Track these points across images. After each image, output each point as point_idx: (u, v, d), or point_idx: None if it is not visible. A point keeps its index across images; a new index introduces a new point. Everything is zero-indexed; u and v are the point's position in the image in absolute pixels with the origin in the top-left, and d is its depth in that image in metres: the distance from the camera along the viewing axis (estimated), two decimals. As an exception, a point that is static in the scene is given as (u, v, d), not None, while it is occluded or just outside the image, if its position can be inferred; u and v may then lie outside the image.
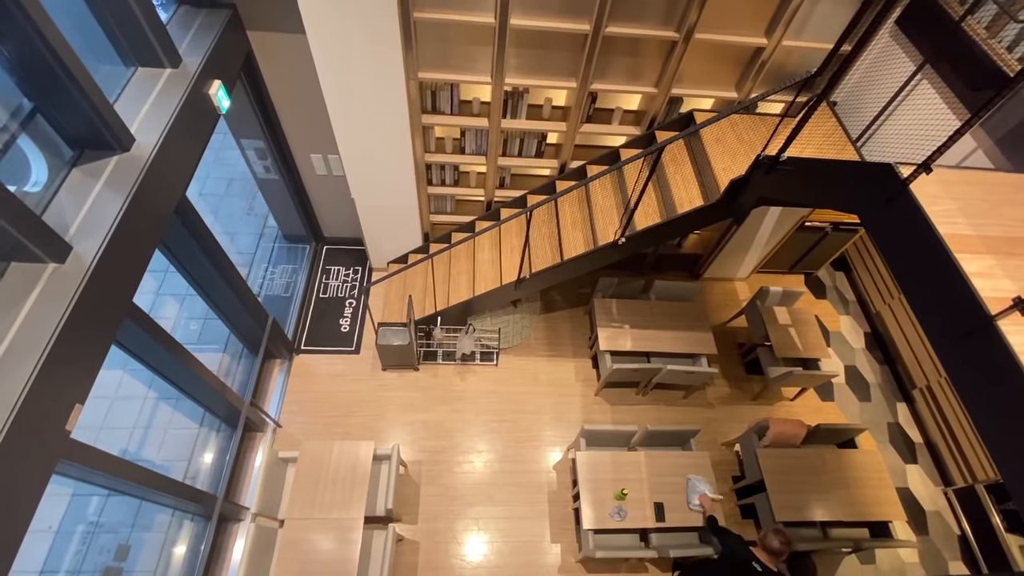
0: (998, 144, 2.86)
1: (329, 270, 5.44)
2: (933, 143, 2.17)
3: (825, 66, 2.66)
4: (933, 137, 2.26)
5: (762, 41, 3.47)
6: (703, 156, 3.65)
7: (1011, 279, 1.97)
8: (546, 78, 3.67)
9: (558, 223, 4.20)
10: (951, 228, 2.10)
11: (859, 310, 5.66)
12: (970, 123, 1.98)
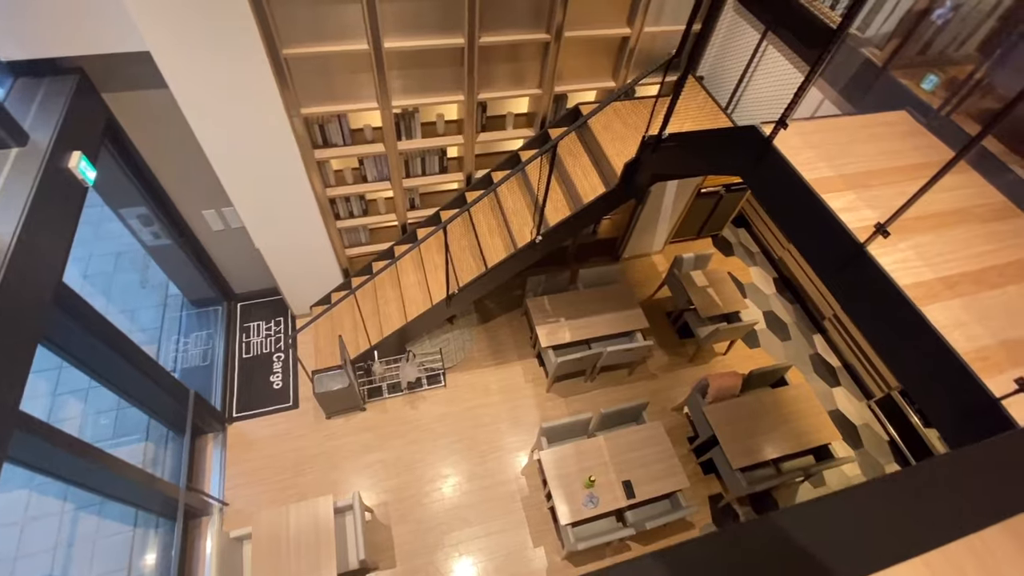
0: (840, 92, 3.23)
1: (248, 327, 5.12)
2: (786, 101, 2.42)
3: (683, 46, 2.88)
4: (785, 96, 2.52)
5: (626, 31, 3.70)
6: (596, 146, 3.83)
7: (871, 208, 2.23)
8: (433, 95, 3.69)
9: (476, 233, 4.23)
10: (814, 173, 2.35)
11: (764, 259, 6.16)
12: (810, 78, 2.22)
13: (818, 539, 0.60)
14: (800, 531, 0.60)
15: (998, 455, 0.79)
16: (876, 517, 0.66)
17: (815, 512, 0.64)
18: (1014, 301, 2.02)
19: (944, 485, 0.72)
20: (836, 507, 0.66)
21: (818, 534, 0.61)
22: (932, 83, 3.16)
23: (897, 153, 2.52)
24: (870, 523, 0.65)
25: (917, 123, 2.73)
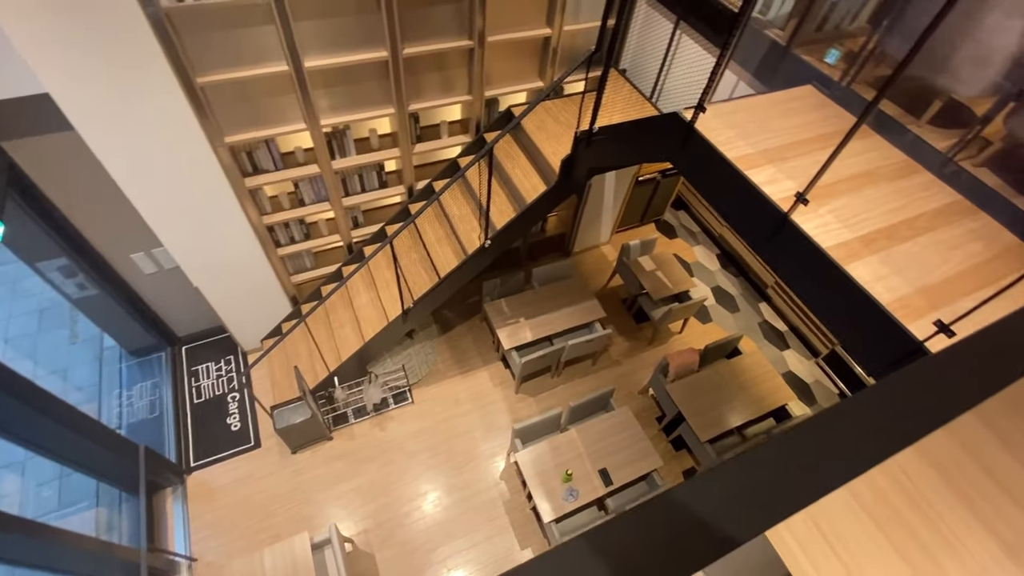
0: (753, 73, 3.42)
1: (197, 371, 4.87)
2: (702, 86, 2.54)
3: (601, 41, 2.96)
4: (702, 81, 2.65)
5: (547, 31, 3.78)
6: (532, 146, 3.88)
7: (790, 179, 2.38)
8: (363, 110, 3.64)
9: (424, 244, 4.20)
10: (736, 151, 2.47)
11: (706, 238, 6.43)
12: (721, 62, 2.34)
13: (750, 482, 0.63)
14: (724, 483, 0.63)
15: (906, 384, 0.85)
16: (801, 455, 0.70)
17: (736, 466, 0.67)
18: (924, 251, 2.20)
19: (863, 416, 0.77)
20: (767, 452, 0.70)
21: (749, 479, 0.64)
22: (835, 56, 3.40)
23: (808, 125, 2.69)
24: (792, 463, 0.70)
25: (822, 95, 2.93)
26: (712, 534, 0.50)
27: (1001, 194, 2.46)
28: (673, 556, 0.51)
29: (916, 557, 0.79)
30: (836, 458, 0.57)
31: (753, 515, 0.48)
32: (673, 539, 0.50)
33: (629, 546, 0.53)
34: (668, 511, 0.54)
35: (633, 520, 0.53)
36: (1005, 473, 0.87)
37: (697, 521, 0.50)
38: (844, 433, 0.61)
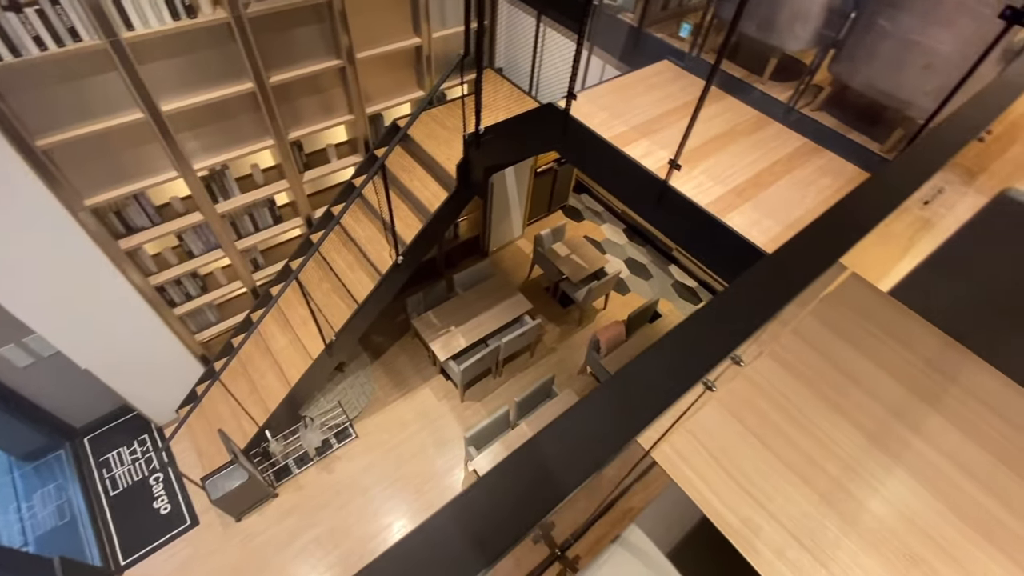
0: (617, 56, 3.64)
1: (107, 460, 4.38)
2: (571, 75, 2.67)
3: (468, 44, 3.02)
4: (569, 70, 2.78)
5: (416, 40, 3.79)
6: (425, 155, 3.88)
7: (663, 149, 2.56)
8: (239, 147, 3.46)
9: (335, 273, 4.06)
10: (611, 131, 2.63)
11: (610, 215, 6.75)
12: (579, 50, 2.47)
13: (621, 396, 0.68)
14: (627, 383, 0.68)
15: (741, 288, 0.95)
16: (660, 365, 0.76)
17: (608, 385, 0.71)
18: (785, 191, 2.46)
19: (710, 319, 0.84)
20: (635, 367, 0.75)
21: (621, 393, 0.69)
22: (687, 30, 3.70)
23: (669, 97, 2.91)
24: (657, 370, 0.76)
25: (678, 67, 3.18)
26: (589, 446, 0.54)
27: (838, 132, 2.82)
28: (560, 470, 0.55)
29: (792, 457, 0.90)
30: (692, 357, 0.61)
31: (625, 421, 0.53)
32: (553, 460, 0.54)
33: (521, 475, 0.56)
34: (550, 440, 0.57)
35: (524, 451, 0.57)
36: (849, 364, 1.01)
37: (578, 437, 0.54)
38: (696, 336, 0.67)
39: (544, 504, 0.45)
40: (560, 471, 0.46)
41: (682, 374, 0.53)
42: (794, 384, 0.98)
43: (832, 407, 0.96)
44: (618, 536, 1.11)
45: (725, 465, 0.88)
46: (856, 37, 2.63)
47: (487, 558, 0.44)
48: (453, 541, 0.46)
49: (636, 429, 0.49)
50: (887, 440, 0.93)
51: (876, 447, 0.92)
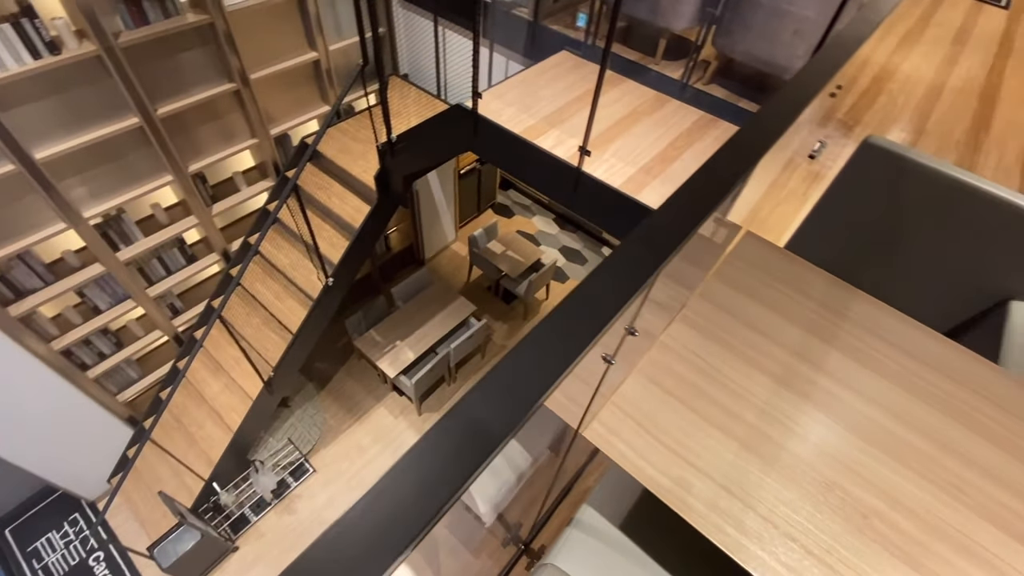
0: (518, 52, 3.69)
1: (36, 549, 3.96)
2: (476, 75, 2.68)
3: (365, 53, 2.96)
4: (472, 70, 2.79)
5: (313, 54, 3.66)
6: (341, 171, 3.76)
7: (572, 137, 2.63)
8: (134, 187, 3.21)
9: (263, 305, 3.86)
10: (521, 125, 2.66)
11: (539, 207, 6.85)
12: (477, 48, 2.49)
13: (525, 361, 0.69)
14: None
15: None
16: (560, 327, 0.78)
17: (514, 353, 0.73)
18: (689, 164, 2.59)
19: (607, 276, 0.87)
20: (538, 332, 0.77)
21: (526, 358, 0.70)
22: (584, 20, 3.80)
23: (571, 86, 2.99)
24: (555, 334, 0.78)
25: (576, 57, 3.27)
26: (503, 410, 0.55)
27: (729, 102, 3.01)
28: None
29: (712, 412, 0.95)
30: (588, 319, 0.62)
31: (510, 408, 0.55)
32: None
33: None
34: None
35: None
36: (753, 317, 1.09)
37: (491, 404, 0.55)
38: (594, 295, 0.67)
39: (438, 499, 0.45)
40: (450, 469, 0.46)
41: (560, 356, 0.55)
42: (706, 344, 1.03)
43: (742, 359, 1.02)
44: (571, 519, 1.14)
45: (652, 431, 0.91)
46: (732, 12, 2.81)
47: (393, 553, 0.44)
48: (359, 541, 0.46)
49: (521, 413, 0.50)
50: (794, 381, 1.00)
51: (785, 389, 0.99)
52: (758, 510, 0.84)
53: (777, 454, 0.90)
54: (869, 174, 1.38)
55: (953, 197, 1.31)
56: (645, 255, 0.62)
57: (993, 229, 1.29)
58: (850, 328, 1.09)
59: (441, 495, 0.47)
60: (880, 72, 3.42)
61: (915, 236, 1.41)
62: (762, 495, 0.86)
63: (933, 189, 1.33)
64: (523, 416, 0.50)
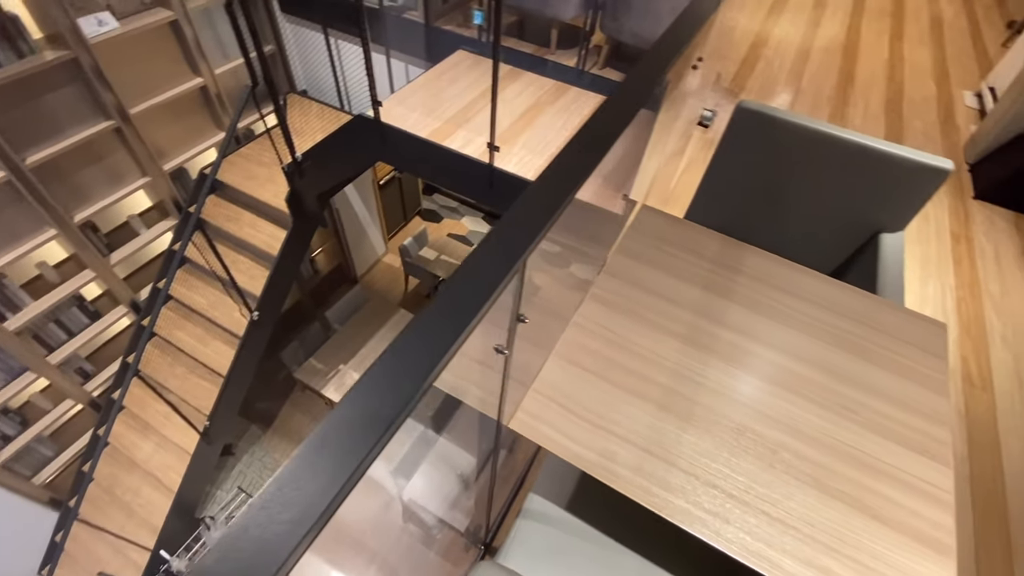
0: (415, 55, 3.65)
1: (-43, 667, 3.51)
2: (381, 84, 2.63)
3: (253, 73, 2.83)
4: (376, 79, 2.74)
5: (198, 80, 3.45)
6: (249, 198, 3.58)
7: (479, 135, 2.64)
8: (12, 247, 2.91)
9: (186, 352, 3.61)
10: (428, 128, 2.65)
11: (466, 207, 6.84)
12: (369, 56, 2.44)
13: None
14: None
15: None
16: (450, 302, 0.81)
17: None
18: (596, 146, 2.68)
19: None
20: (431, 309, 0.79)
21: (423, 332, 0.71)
22: (480, 17, 3.82)
23: (472, 85, 3.00)
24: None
25: (473, 55, 3.28)
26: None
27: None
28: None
29: (628, 381, 0.99)
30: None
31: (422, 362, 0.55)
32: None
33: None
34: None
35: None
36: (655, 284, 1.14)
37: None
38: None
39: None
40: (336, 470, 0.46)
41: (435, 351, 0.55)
42: (615, 317, 1.07)
43: (650, 326, 1.07)
44: (520, 510, 1.15)
45: (574, 410, 0.94)
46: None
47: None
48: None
49: (398, 411, 0.50)
50: (699, 338, 1.06)
51: (691, 347, 1.05)
52: (679, 465, 0.89)
53: (691, 409, 0.95)
54: (746, 136, 1.49)
55: (817, 147, 1.44)
56: (513, 240, 0.63)
57: (854, 172, 1.43)
58: (744, 281, 1.17)
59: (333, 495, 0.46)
60: (756, 40, 3.68)
61: (795, 188, 1.53)
62: (681, 451, 0.91)
63: (800, 142, 1.45)
64: (393, 425, 0.50)
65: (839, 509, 0.86)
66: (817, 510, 0.86)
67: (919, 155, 1.37)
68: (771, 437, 0.94)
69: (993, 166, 2.70)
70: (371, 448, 0.49)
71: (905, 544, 0.84)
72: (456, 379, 1.42)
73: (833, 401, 1.00)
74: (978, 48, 3.86)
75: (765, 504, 0.86)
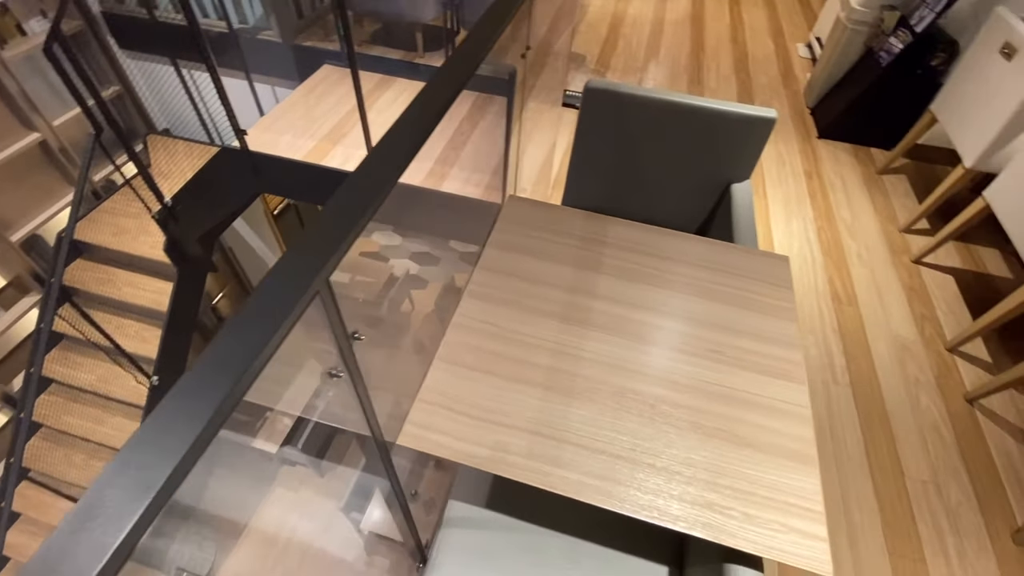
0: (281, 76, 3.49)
1: None
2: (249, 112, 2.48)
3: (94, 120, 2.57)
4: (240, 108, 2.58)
5: (34, 135, 3.10)
6: (122, 255, 3.26)
7: (357, 147, 2.58)
8: None
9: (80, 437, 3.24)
10: (303, 150, 2.54)
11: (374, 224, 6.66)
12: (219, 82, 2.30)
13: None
14: None
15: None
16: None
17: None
18: (479, 145, 2.70)
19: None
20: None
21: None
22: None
23: (343, 98, 2.92)
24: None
25: (339, 68, 3.19)
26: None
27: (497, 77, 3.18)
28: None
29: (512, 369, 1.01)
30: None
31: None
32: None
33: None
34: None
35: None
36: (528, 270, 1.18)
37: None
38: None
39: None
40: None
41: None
42: (494, 309, 1.09)
43: (528, 311, 1.10)
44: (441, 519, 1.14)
45: (463, 410, 0.94)
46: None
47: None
48: None
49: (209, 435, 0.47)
50: (574, 313, 1.10)
51: (568, 324, 1.08)
52: (569, 440, 0.92)
53: (573, 384, 0.99)
54: (599, 114, 1.56)
55: (662, 115, 1.54)
56: (308, 259, 0.61)
57: (698, 133, 1.54)
58: (611, 252, 1.23)
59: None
60: (613, 20, 3.87)
61: (652, 157, 1.63)
62: (569, 425, 0.94)
63: (647, 112, 1.54)
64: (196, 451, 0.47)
65: (715, 446, 0.94)
66: (696, 451, 0.93)
67: (747, 108, 1.51)
68: (649, 393, 0.99)
69: (828, 107, 3.03)
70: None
71: (775, 463, 0.93)
72: (340, 409, 1.39)
73: (701, 347, 1.08)
74: (804, 4, 4.30)
75: (650, 457, 0.91)
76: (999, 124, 2.11)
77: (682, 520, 0.84)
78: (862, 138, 2.98)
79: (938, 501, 1.75)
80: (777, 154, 2.85)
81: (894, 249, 2.48)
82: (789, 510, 0.87)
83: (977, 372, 2.07)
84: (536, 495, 1.18)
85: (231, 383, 0.50)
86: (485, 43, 1.02)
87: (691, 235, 1.32)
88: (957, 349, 2.14)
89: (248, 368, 0.51)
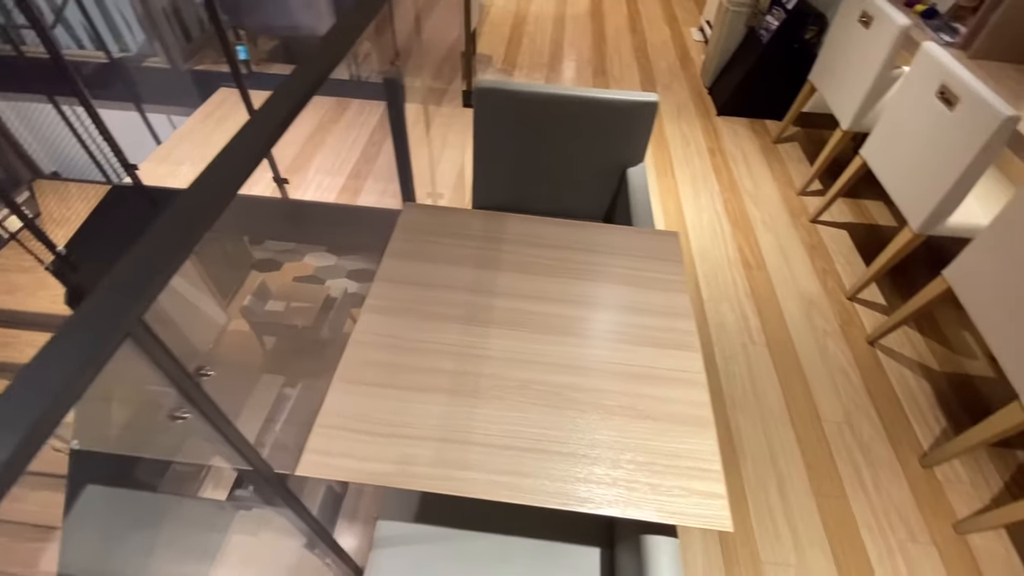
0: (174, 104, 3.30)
1: None
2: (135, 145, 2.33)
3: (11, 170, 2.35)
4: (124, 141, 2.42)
5: None
6: (17, 314, 3.00)
7: (264, 170, 2.48)
8: None
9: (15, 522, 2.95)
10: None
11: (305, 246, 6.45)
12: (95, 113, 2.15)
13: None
14: None
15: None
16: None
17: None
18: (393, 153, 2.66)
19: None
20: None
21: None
22: (245, 51, 3.55)
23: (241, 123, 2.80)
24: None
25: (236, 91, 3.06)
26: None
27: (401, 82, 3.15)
28: None
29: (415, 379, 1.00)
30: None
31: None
32: None
33: None
34: None
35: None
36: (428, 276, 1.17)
37: None
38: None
39: None
40: None
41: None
42: (395, 321, 1.08)
43: (430, 318, 1.09)
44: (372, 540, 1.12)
45: (365, 428, 0.93)
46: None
47: None
48: None
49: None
50: (477, 314, 1.11)
51: (471, 324, 1.09)
52: (476, 441, 0.92)
53: (478, 384, 1.00)
54: (492, 114, 1.58)
55: (553, 108, 1.57)
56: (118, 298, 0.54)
57: (589, 122, 1.59)
58: (508, 248, 1.25)
59: None
60: (515, 19, 3.92)
61: (549, 151, 1.66)
62: (475, 426, 0.94)
63: (538, 107, 1.57)
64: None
65: (618, 424, 0.97)
66: (600, 431, 0.96)
67: (631, 95, 1.56)
68: (554, 381, 1.01)
69: (722, 86, 3.20)
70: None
71: (674, 431, 0.97)
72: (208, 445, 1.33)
73: (601, 330, 1.11)
74: (694, -11, 4.52)
75: (556, 445, 0.93)
76: (866, 87, 2.30)
77: (589, 501, 0.87)
78: (756, 112, 3.17)
79: (852, 439, 1.89)
80: (681, 134, 2.99)
81: (793, 212, 2.66)
82: (690, 473, 0.91)
83: (875, 315, 2.26)
84: (463, 501, 1.18)
85: (16, 443, 0.43)
86: (333, 53, 1.00)
87: (588, 223, 1.36)
88: (856, 297, 2.32)
89: (40, 418, 0.45)
